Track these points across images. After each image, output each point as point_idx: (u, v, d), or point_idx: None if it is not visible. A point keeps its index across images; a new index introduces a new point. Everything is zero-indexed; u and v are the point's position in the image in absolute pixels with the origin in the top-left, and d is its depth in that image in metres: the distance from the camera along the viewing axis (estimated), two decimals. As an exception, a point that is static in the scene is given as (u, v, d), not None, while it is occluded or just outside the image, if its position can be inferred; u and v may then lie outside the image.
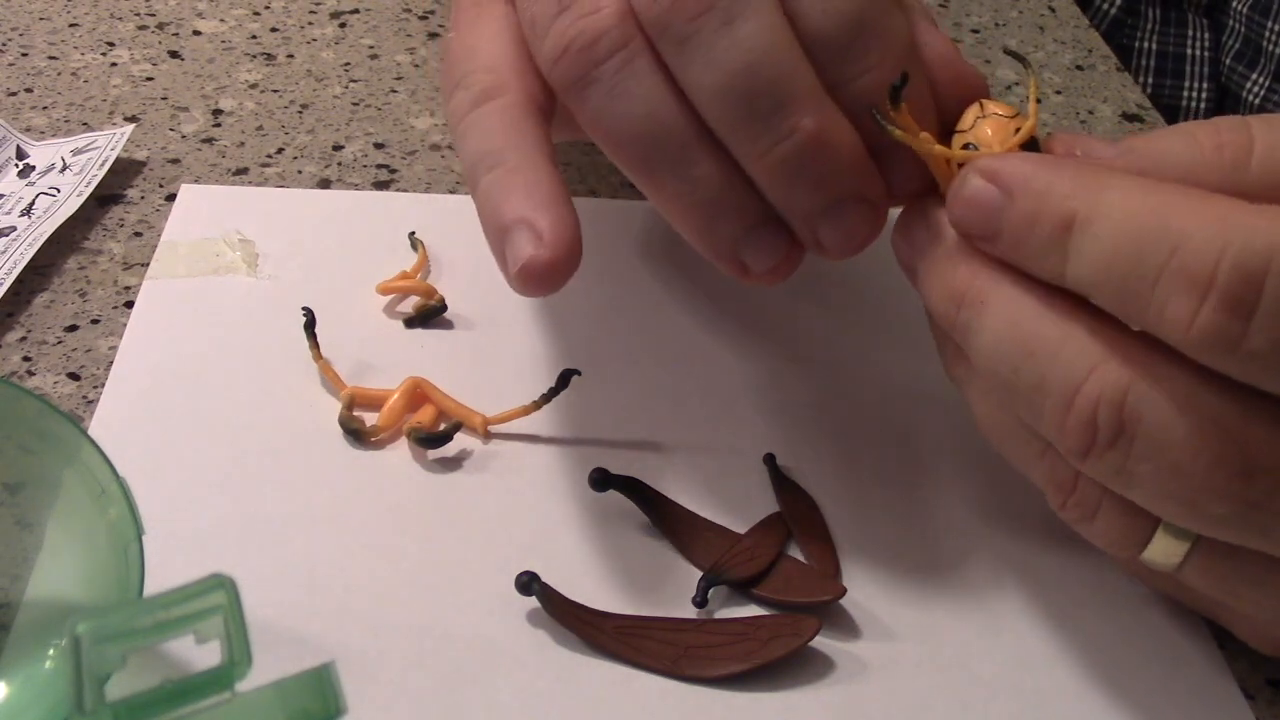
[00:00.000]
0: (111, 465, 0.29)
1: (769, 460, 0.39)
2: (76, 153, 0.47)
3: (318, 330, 0.40)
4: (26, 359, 0.40)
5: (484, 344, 0.42)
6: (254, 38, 0.56)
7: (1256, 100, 0.64)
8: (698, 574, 0.35)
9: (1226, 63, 0.66)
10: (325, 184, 0.48)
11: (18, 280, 0.42)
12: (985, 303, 0.31)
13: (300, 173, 0.49)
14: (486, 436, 0.39)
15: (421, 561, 0.35)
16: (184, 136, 0.50)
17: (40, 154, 0.47)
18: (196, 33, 0.56)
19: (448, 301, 0.43)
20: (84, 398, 0.39)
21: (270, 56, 0.55)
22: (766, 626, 0.34)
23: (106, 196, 0.46)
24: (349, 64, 0.55)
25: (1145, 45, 0.68)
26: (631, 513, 0.37)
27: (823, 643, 0.34)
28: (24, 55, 0.54)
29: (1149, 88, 0.67)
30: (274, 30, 0.57)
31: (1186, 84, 0.67)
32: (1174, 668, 0.35)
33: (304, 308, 0.41)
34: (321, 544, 0.35)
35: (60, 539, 0.31)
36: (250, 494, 0.37)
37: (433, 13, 0.59)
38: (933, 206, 0.33)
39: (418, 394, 0.39)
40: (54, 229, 0.43)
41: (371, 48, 0.56)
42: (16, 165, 0.47)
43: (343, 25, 0.58)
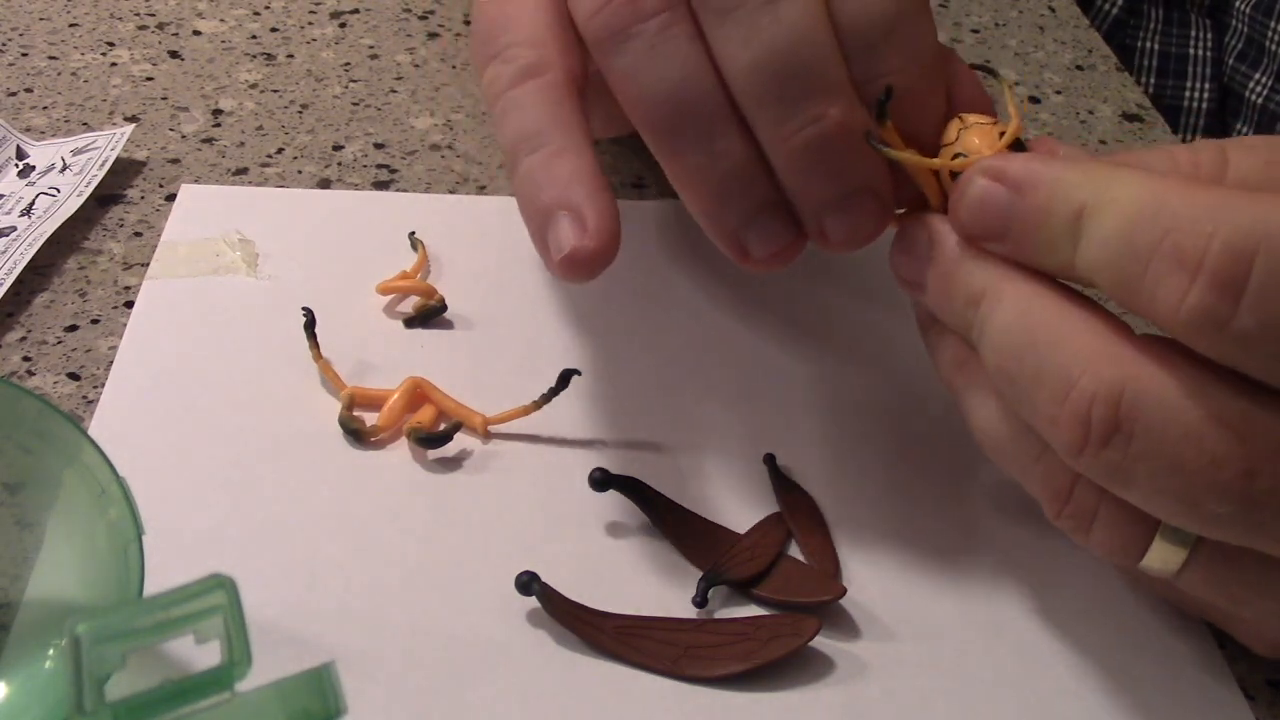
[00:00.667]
0: (111, 465, 0.29)
1: (769, 460, 0.39)
2: (76, 153, 0.47)
3: (318, 330, 0.40)
4: (26, 359, 0.40)
5: (484, 344, 0.42)
6: (254, 38, 0.56)
7: (1259, 100, 0.64)
8: (698, 574, 0.35)
9: (1229, 63, 0.66)
10: (325, 184, 0.48)
11: (18, 280, 0.42)
12: (1001, 298, 0.31)
13: (300, 173, 0.49)
14: (486, 436, 0.39)
15: (421, 561, 0.35)
16: (184, 136, 0.50)
17: (40, 154, 0.47)
18: (196, 33, 0.56)
19: (448, 301, 0.43)
20: (84, 398, 0.39)
21: (270, 56, 0.55)
22: (766, 626, 0.34)
23: (106, 196, 0.46)
24: (349, 64, 0.55)
25: (1147, 45, 0.68)
26: (631, 513, 0.37)
27: (823, 643, 0.34)
28: (24, 55, 0.54)
29: (1151, 88, 0.67)
30: (274, 30, 0.57)
31: (1189, 84, 0.67)
32: (1174, 668, 0.35)
33: (304, 308, 0.41)
34: (321, 544, 0.35)
35: (60, 539, 0.31)
36: (250, 494, 0.37)
37: (432, 13, 0.59)
38: (931, 220, 0.33)
39: (418, 394, 0.39)
40: (54, 229, 0.43)
41: (371, 48, 0.56)
42: (16, 165, 0.47)
43: (343, 25, 0.58)
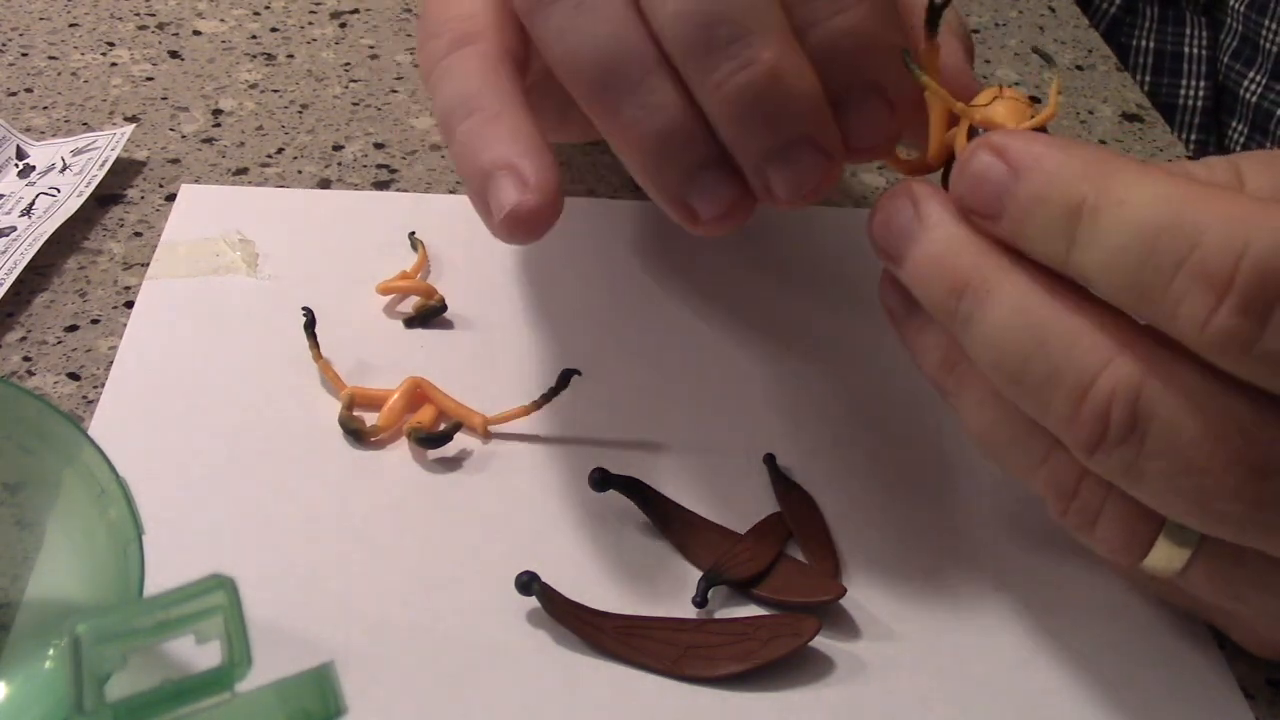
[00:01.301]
0: (111, 465, 0.29)
1: (769, 460, 0.39)
2: (76, 153, 0.47)
3: (318, 330, 0.40)
4: (26, 359, 0.40)
5: (484, 344, 0.42)
6: (254, 38, 0.56)
7: (1254, 99, 0.64)
8: (698, 574, 0.35)
9: (1224, 61, 0.66)
10: (325, 184, 0.48)
11: (18, 280, 0.42)
12: (990, 292, 0.30)
13: (300, 173, 0.49)
14: (486, 436, 0.39)
15: (421, 561, 0.35)
16: (184, 136, 0.50)
17: (40, 154, 0.47)
18: (196, 33, 0.56)
19: (448, 301, 0.43)
20: (84, 398, 0.39)
21: (270, 56, 0.55)
22: (766, 626, 0.34)
23: (106, 196, 0.46)
24: (349, 64, 0.55)
25: (1143, 44, 0.68)
26: (631, 513, 0.37)
27: (823, 643, 0.34)
28: (24, 55, 0.54)
29: (1146, 86, 0.67)
30: (274, 30, 0.57)
31: (1184, 82, 0.67)
32: (1174, 668, 0.35)
33: (304, 308, 0.41)
34: (321, 544, 0.35)
35: (60, 539, 0.31)
36: (250, 494, 0.37)
37: (433, 13, 0.59)
38: (920, 190, 0.32)
39: (418, 394, 0.39)
40: (54, 229, 0.43)
41: (371, 48, 0.56)
42: (16, 165, 0.47)
43: (343, 25, 0.58)
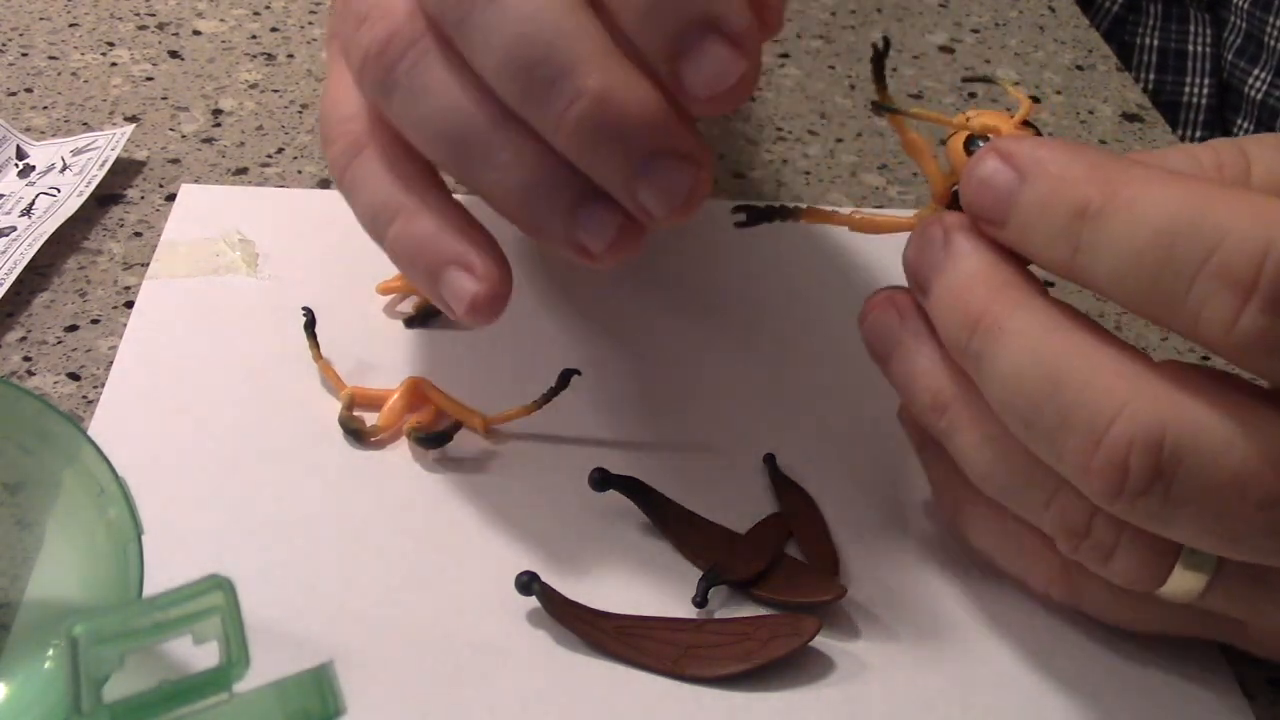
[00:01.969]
0: (111, 465, 0.29)
1: (769, 460, 0.39)
2: (76, 153, 0.47)
3: (318, 330, 0.40)
4: (26, 359, 0.40)
5: (484, 344, 0.42)
6: (254, 38, 0.56)
7: (1258, 96, 0.64)
8: (698, 574, 0.35)
9: (1228, 58, 0.66)
10: (325, 184, 0.48)
11: (18, 280, 0.42)
12: (1003, 329, 0.29)
13: (300, 173, 0.49)
14: (486, 436, 0.39)
15: (421, 561, 0.35)
16: (184, 136, 0.50)
17: (40, 154, 0.47)
18: (196, 33, 0.56)
19: (448, 301, 0.43)
20: (84, 398, 0.39)
21: (270, 56, 0.55)
22: (766, 626, 0.34)
23: (106, 196, 0.46)
24: (349, 64, 0.55)
25: (1147, 42, 0.68)
26: (631, 513, 0.37)
27: (823, 643, 0.34)
28: (24, 55, 0.54)
29: (1150, 84, 0.67)
30: (274, 30, 0.57)
31: (1188, 80, 0.67)
32: (1174, 668, 0.34)
33: (304, 308, 0.41)
34: (321, 544, 0.35)
35: (60, 539, 0.31)
36: (250, 494, 0.37)
37: (433, 12, 0.59)
38: (953, 221, 0.32)
39: (418, 394, 0.39)
40: (54, 229, 0.43)
41: (372, 47, 0.56)
42: (16, 165, 0.47)
43: (343, 25, 0.58)
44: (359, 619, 0.34)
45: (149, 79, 0.53)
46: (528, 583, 0.34)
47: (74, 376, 0.40)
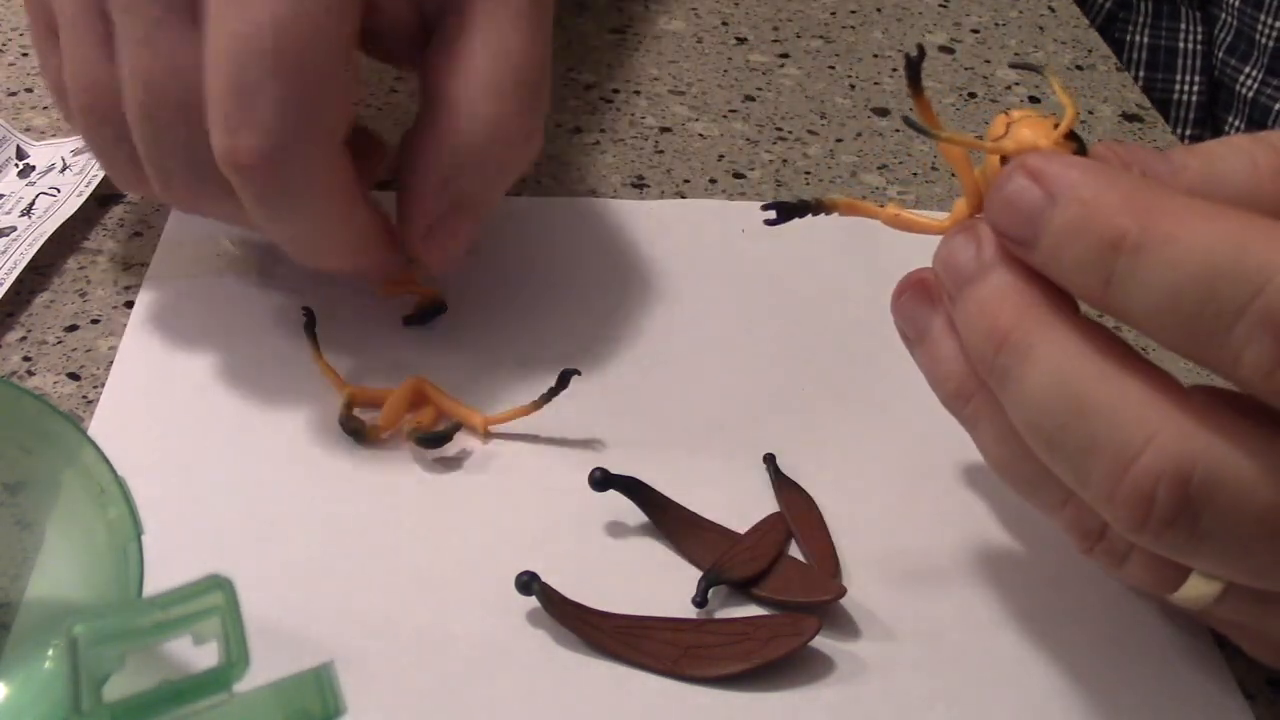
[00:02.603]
0: (111, 465, 0.29)
1: (769, 460, 0.39)
2: (77, 153, 0.47)
3: (318, 330, 0.40)
4: (26, 359, 0.40)
5: (484, 344, 0.42)
6: (254, 38, 0.56)
7: (1249, 94, 0.64)
8: (698, 574, 0.35)
9: (1219, 56, 0.66)
10: (325, 184, 0.48)
11: (18, 280, 0.42)
12: (1032, 348, 0.28)
13: (300, 173, 0.49)
14: (486, 436, 0.39)
15: (421, 561, 0.35)
16: (184, 136, 0.50)
17: (40, 154, 0.47)
18: (197, 33, 0.56)
19: (448, 301, 0.43)
20: (84, 398, 0.39)
21: (270, 56, 0.55)
22: (766, 626, 0.34)
23: (106, 196, 0.46)
24: (349, 64, 0.55)
25: (1137, 39, 0.68)
26: (631, 513, 0.37)
27: (823, 643, 0.34)
28: (24, 55, 0.54)
29: (1141, 81, 0.67)
30: (274, 30, 0.57)
31: (1179, 77, 0.67)
32: (1174, 668, 0.34)
33: (304, 308, 0.41)
34: (321, 544, 0.35)
35: (60, 539, 0.31)
36: (250, 494, 0.37)
37: (433, 12, 0.59)
38: (986, 231, 0.30)
39: (418, 394, 0.39)
40: (54, 229, 0.43)
41: (372, 47, 0.56)
42: (16, 165, 0.47)
43: (343, 25, 0.58)
44: (359, 619, 0.34)
45: (149, 79, 0.53)
46: (528, 583, 0.34)
47: (74, 376, 0.40)
